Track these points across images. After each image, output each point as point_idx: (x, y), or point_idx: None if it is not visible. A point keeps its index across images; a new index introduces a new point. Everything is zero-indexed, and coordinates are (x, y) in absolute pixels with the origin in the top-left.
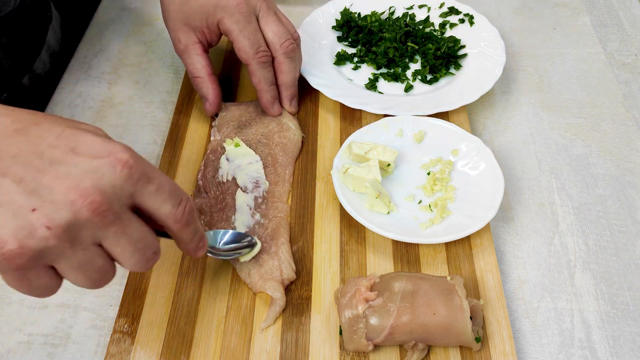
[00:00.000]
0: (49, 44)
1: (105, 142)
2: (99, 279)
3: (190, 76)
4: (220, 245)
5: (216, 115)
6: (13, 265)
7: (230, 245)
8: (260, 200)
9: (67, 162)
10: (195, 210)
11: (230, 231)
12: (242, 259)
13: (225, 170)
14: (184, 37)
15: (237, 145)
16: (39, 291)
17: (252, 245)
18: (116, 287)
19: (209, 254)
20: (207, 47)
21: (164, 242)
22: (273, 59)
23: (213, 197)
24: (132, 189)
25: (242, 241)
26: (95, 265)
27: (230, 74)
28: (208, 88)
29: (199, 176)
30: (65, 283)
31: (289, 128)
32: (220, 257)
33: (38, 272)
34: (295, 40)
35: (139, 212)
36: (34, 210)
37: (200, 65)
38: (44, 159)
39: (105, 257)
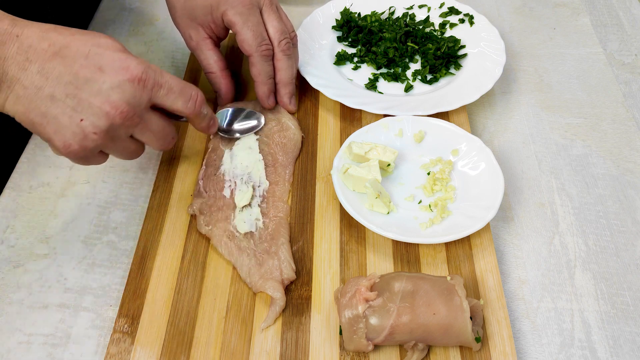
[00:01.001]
0: None
1: (122, 59)
2: (133, 155)
3: (204, 72)
4: (226, 122)
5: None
6: (78, 157)
7: (241, 124)
8: (260, 199)
9: (97, 80)
10: (203, 99)
11: (233, 109)
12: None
13: (226, 170)
14: (194, 33)
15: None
16: (95, 163)
17: (257, 123)
18: (116, 287)
19: (221, 134)
20: (217, 41)
21: (162, 244)
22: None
23: (213, 197)
24: (148, 95)
25: (249, 117)
26: (131, 148)
27: (234, 70)
28: (221, 83)
29: (200, 176)
30: (66, 284)
31: (289, 128)
32: (231, 136)
33: (93, 156)
34: (292, 39)
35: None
36: (82, 120)
37: (212, 61)
38: (79, 78)
39: (137, 143)
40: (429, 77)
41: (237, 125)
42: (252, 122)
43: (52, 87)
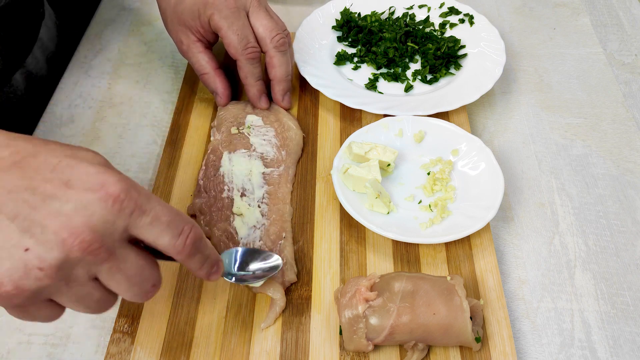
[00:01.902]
0: (42, 41)
1: (99, 173)
2: (99, 307)
3: (197, 74)
4: (238, 265)
5: None
6: (11, 304)
7: (256, 269)
8: (262, 201)
9: (60, 198)
10: (202, 236)
11: (244, 249)
12: (257, 284)
13: (227, 170)
14: (184, 38)
15: (249, 127)
16: (42, 320)
17: (275, 268)
18: None
19: (226, 278)
20: (208, 44)
21: None
22: (264, 54)
23: (213, 197)
24: (125, 222)
25: (266, 260)
26: (94, 297)
27: (230, 67)
28: (216, 82)
29: (200, 176)
30: None
31: (290, 128)
32: (241, 283)
33: (37, 306)
34: (286, 36)
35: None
36: (26, 250)
37: (204, 62)
38: (37, 194)
39: (103, 290)
40: (429, 77)
41: (251, 267)
42: (269, 264)
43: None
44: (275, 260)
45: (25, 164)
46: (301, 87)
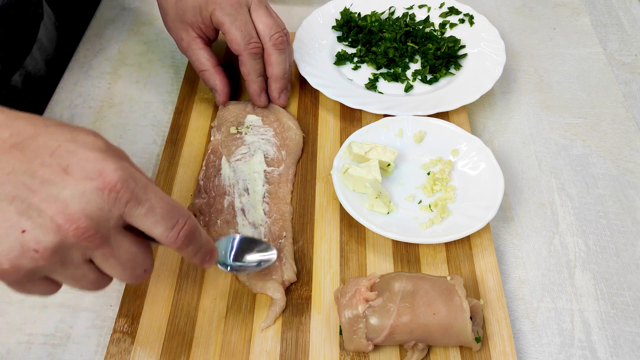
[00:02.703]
0: (41, 42)
1: (98, 160)
2: (95, 287)
3: (197, 71)
4: (233, 254)
5: None
6: (8, 280)
7: (252, 259)
8: (262, 200)
9: (58, 184)
10: (197, 228)
11: (241, 237)
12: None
13: (227, 170)
14: (185, 35)
15: (247, 127)
16: (38, 295)
17: (268, 262)
18: (116, 287)
19: (220, 267)
20: (208, 41)
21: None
22: (263, 50)
23: (213, 198)
24: (120, 211)
25: (262, 252)
26: (89, 278)
27: (232, 63)
28: (215, 79)
29: (200, 176)
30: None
31: (290, 128)
32: (234, 272)
33: (34, 283)
34: (285, 35)
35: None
36: (23, 231)
37: (204, 59)
38: (36, 178)
39: (97, 272)
40: (429, 77)
41: (246, 258)
42: (263, 257)
43: None
44: (271, 253)
45: (24, 146)
46: (301, 87)
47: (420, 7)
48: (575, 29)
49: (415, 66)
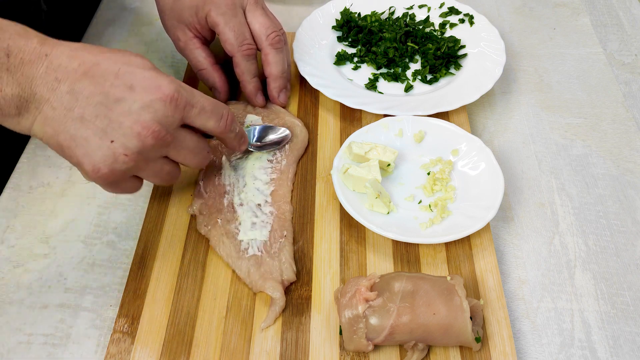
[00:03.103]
0: None
1: (153, 78)
2: (169, 177)
3: (195, 70)
4: (256, 138)
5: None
6: (108, 182)
7: (269, 139)
8: (263, 200)
9: (128, 99)
10: (235, 118)
11: (262, 126)
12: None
13: (227, 169)
14: (182, 34)
15: (248, 126)
16: (128, 191)
17: (285, 140)
18: (116, 287)
19: (251, 149)
20: (205, 41)
21: (162, 244)
22: (259, 51)
23: (213, 197)
24: (180, 114)
25: (277, 133)
26: (165, 170)
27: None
28: (214, 77)
29: (200, 176)
30: (66, 283)
31: (295, 124)
32: (260, 150)
33: (126, 181)
34: (282, 34)
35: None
36: (112, 142)
37: (201, 58)
38: (110, 97)
39: (172, 163)
40: (429, 77)
41: (266, 140)
42: (281, 135)
43: (82, 107)
44: (284, 131)
45: (93, 73)
46: (301, 87)
47: (420, 7)
48: (575, 29)
49: (415, 66)
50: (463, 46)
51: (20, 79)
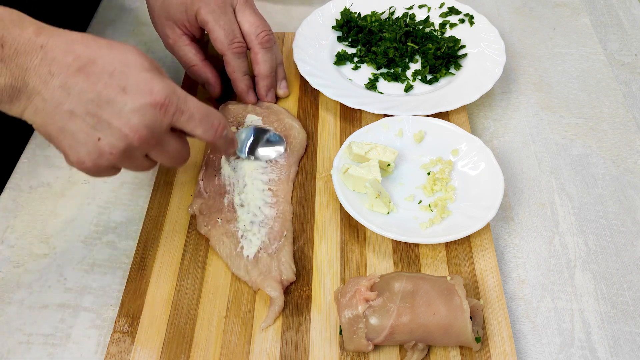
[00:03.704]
0: None
1: (147, 81)
2: (145, 170)
3: (185, 68)
4: (248, 146)
5: (218, 100)
6: (89, 173)
7: (264, 149)
8: (263, 199)
9: (119, 101)
10: (225, 126)
11: (255, 128)
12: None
13: (227, 169)
14: (171, 32)
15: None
16: (105, 176)
17: (280, 143)
18: (116, 287)
19: (240, 155)
20: (194, 38)
21: (162, 244)
22: (249, 50)
23: (213, 197)
24: (169, 120)
25: (270, 140)
26: (144, 165)
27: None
28: (206, 72)
29: (200, 176)
30: (66, 283)
31: (293, 127)
32: (251, 159)
33: (109, 171)
34: (271, 34)
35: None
36: (99, 139)
37: (191, 54)
38: (101, 97)
39: (151, 162)
40: (429, 77)
41: (259, 150)
42: (275, 148)
43: (72, 103)
44: (279, 141)
45: (87, 70)
46: (301, 87)
47: (420, 7)
48: (575, 29)
49: (415, 66)
50: (463, 46)
51: (14, 69)
